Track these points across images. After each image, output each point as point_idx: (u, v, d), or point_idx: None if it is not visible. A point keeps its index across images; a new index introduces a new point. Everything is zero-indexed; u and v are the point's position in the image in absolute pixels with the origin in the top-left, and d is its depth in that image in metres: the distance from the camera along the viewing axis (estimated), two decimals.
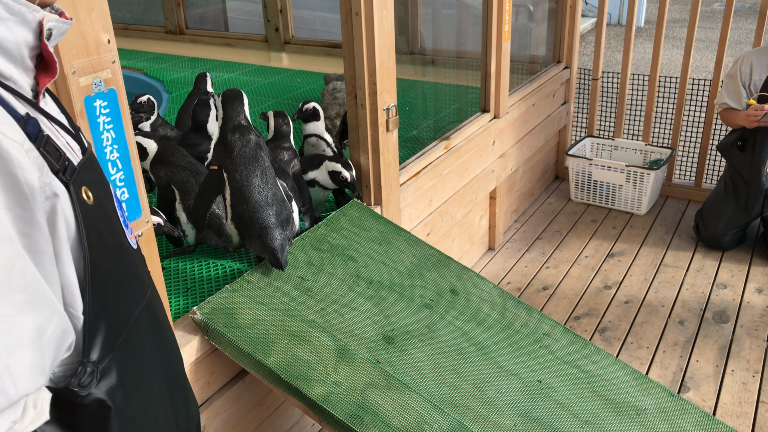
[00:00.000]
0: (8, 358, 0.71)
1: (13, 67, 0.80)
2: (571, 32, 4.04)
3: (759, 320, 2.87)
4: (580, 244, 3.55)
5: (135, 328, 0.93)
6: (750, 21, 9.02)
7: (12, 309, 0.71)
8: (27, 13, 0.79)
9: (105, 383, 0.85)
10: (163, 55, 4.95)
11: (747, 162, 3.25)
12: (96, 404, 0.84)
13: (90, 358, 0.83)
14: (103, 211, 0.89)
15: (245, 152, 1.92)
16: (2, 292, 0.70)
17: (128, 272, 0.94)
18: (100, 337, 0.85)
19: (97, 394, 0.84)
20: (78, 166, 0.85)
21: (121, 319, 0.90)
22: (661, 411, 1.88)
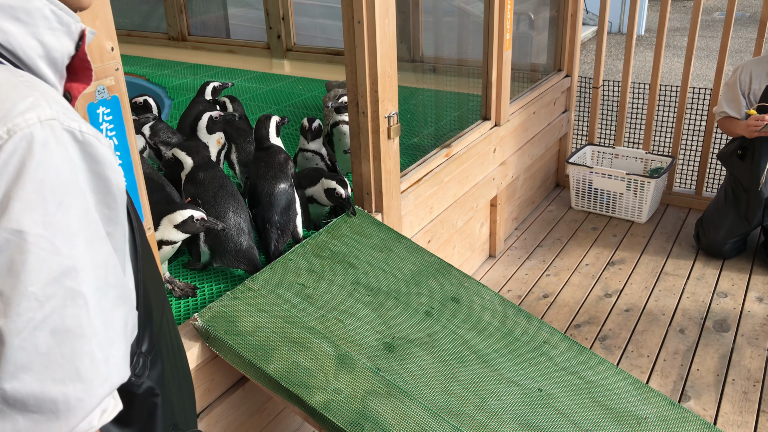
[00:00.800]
0: (109, 348, 0.76)
1: (54, 76, 0.83)
2: (572, 40, 4.05)
3: (760, 329, 2.87)
4: (580, 252, 3.55)
5: (165, 321, 1.01)
6: (750, 30, 9.05)
7: (110, 304, 0.76)
8: (72, 23, 0.81)
9: (154, 372, 0.92)
10: (166, 62, 4.97)
11: (747, 171, 3.25)
12: (148, 392, 0.91)
13: (142, 349, 0.89)
14: (135, 210, 0.95)
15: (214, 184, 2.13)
16: (102, 288, 0.75)
17: (155, 269, 1.01)
18: (148, 330, 0.91)
19: (149, 383, 0.90)
20: None
21: (159, 313, 0.97)
22: (661, 420, 1.88)
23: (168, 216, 1.85)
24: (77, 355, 0.72)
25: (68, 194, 0.71)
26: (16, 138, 0.68)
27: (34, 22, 0.77)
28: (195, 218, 1.87)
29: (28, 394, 0.69)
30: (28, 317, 0.68)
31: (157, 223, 1.83)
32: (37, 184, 0.68)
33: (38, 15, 0.77)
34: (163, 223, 1.85)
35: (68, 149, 0.72)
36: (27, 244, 0.68)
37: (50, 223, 0.69)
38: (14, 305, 0.68)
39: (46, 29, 0.78)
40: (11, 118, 0.68)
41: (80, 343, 0.72)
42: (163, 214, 1.86)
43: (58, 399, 0.71)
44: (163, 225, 1.85)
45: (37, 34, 0.78)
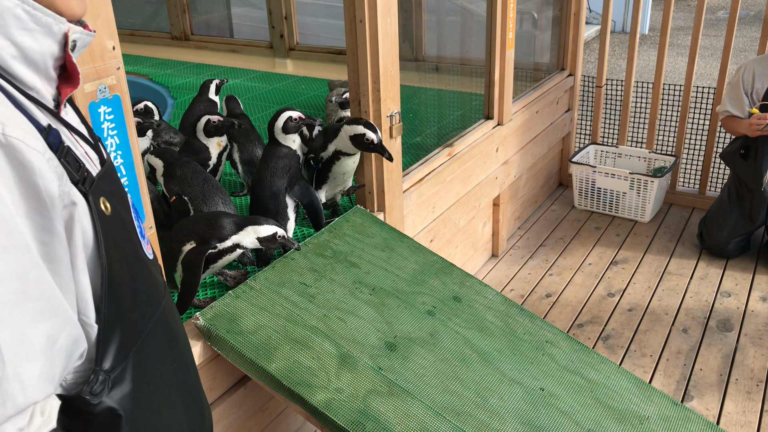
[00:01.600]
0: (19, 366, 0.72)
1: (37, 77, 0.82)
2: (575, 40, 4.04)
3: (763, 329, 2.86)
4: (583, 252, 3.54)
5: (149, 337, 0.94)
6: (754, 29, 9.02)
7: (25, 318, 0.72)
8: (53, 24, 0.80)
9: (117, 392, 0.86)
10: (169, 61, 4.97)
11: (750, 170, 3.24)
12: (107, 413, 0.85)
13: (102, 366, 0.84)
14: (121, 222, 0.91)
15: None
16: (16, 301, 0.71)
17: (144, 282, 0.95)
18: (113, 346, 0.85)
19: (109, 403, 0.85)
20: (96, 176, 0.86)
21: (136, 329, 0.91)
22: (664, 420, 1.88)
23: (255, 227, 1.86)
24: None
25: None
26: None
27: (3, 21, 0.76)
28: (278, 235, 1.88)
29: None
30: None
31: (239, 228, 1.84)
32: None
33: (8, 15, 0.76)
34: (247, 231, 1.85)
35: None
36: None
37: None
38: None
39: (19, 29, 0.77)
40: None
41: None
42: (249, 222, 1.86)
43: None
44: (247, 232, 1.85)
45: (8, 35, 0.77)
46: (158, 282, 1.02)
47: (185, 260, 1.84)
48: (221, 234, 1.84)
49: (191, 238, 1.85)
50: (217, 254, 1.86)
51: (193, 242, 1.84)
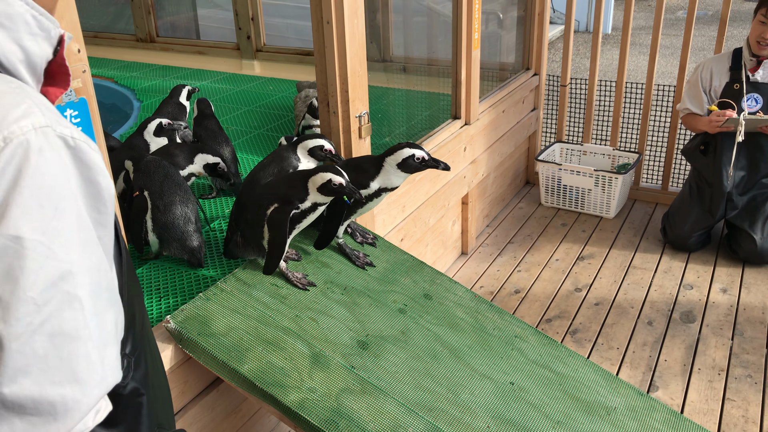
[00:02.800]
0: (104, 350, 0.78)
1: (32, 80, 0.84)
2: (540, 39, 4.11)
3: (724, 319, 2.95)
4: (550, 248, 3.60)
5: (146, 323, 1.02)
6: (713, 28, 9.25)
7: (103, 306, 0.78)
8: (52, 29, 0.82)
9: (138, 373, 0.92)
10: (134, 64, 4.92)
11: (710, 166, 3.34)
12: (133, 393, 0.91)
13: (125, 350, 0.89)
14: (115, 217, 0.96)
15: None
16: (96, 291, 0.77)
17: (134, 273, 1.02)
18: (132, 332, 0.91)
19: (133, 384, 0.91)
20: None
21: (140, 315, 0.98)
22: (630, 410, 1.93)
23: (312, 178, 1.89)
24: (74, 357, 0.74)
25: (63, 200, 0.72)
26: (12, 146, 0.69)
27: (15, 27, 0.78)
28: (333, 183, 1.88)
29: (26, 397, 0.70)
30: (27, 321, 0.70)
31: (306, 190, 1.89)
32: (34, 190, 0.70)
33: (20, 20, 0.78)
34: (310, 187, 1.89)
35: (61, 155, 0.73)
36: (25, 249, 0.69)
37: (47, 228, 0.71)
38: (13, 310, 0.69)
39: (27, 34, 0.79)
40: (6, 126, 0.70)
41: (77, 345, 0.74)
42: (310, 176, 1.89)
43: (56, 401, 0.72)
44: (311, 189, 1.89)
45: (18, 39, 0.78)
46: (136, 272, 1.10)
47: (270, 221, 1.90)
48: (301, 195, 1.89)
49: (274, 200, 1.91)
50: (300, 214, 1.91)
51: (276, 204, 1.90)
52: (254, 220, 1.95)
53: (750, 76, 3.15)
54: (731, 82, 3.20)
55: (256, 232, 1.96)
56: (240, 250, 2.06)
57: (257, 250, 2.00)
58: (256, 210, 1.95)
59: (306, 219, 1.95)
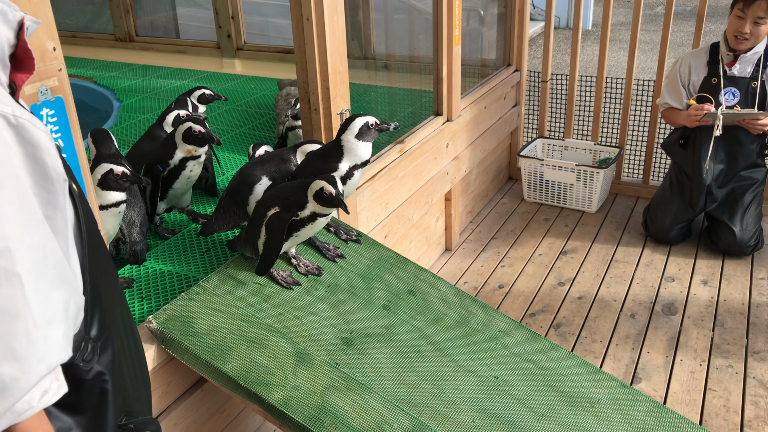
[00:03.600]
0: (48, 329, 0.77)
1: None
2: (521, 36, 4.13)
3: (705, 311, 2.98)
4: (533, 243, 3.62)
5: (118, 308, 1.01)
6: (691, 24, 9.34)
7: (48, 285, 0.77)
8: (9, 12, 0.82)
9: (104, 357, 0.92)
10: (113, 63, 4.87)
11: (689, 159, 3.37)
12: (97, 377, 0.90)
13: (90, 334, 0.89)
14: (84, 200, 0.95)
15: None
16: (40, 269, 0.76)
17: (106, 257, 1.01)
18: (98, 315, 0.91)
19: (98, 368, 0.90)
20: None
21: (110, 299, 0.97)
22: (614, 402, 1.94)
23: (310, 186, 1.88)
24: (12, 335, 0.73)
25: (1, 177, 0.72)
26: None
27: None
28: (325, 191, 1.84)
29: None
30: None
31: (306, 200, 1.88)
32: None
33: None
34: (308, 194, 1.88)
35: (2, 133, 0.73)
36: None
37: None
38: None
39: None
40: None
41: (15, 323, 0.73)
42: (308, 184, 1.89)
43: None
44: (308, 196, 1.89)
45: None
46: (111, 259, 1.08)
47: (268, 224, 1.89)
48: (301, 202, 1.87)
49: (276, 203, 1.90)
50: (299, 222, 1.89)
51: (277, 207, 1.89)
52: (254, 219, 1.95)
53: (727, 71, 3.19)
54: (709, 76, 3.24)
55: (255, 231, 1.96)
56: (240, 245, 2.06)
57: (253, 249, 2.00)
58: (258, 209, 1.95)
59: (305, 228, 1.92)
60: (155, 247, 2.26)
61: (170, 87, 4.22)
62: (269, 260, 1.93)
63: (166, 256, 2.20)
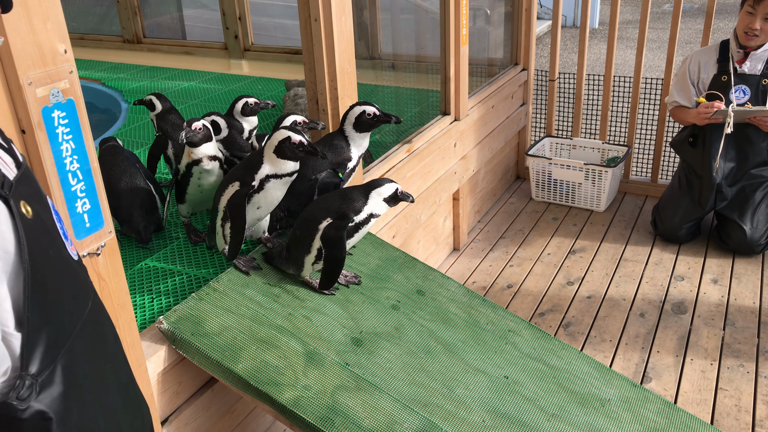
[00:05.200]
0: None
1: None
2: (528, 35, 4.12)
3: (715, 310, 2.97)
4: (542, 242, 3.61)
5: (78, 338, 0.94)
6: (699, 21, 9.29)
7: None
8: None
9: (46, 395, 0.85)
10: (121, 65, 4.89)
11: (699, 157, 3.35)
12: (36, 417, 0.84)
13: (29, 371, 0.83)
14: (42, 225, 0.89)
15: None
16: None
17: (70, 283, 0.94)
18: (40, 350, 0.85)
19: (37, 406, 0.84)
20: (14, 180, 0.85)
21: (63, 330, 0.90)
22: (624, 401, 1.94)
23: (377, 190, 1.92)
24: None
25: None
26: None
27: None
28: (399, 192, 1.94)
29: None
30: None
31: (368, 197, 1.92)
32: None
33: None
34: (373, 196, 1.92)
35: None
36: None
37: None
38: None
39: None
40: None
41: None
42: (372, 188, 1.93)
43: None
44: (373, 198, 1.92)
45: None
46: (85, 282, 1.02)
47: (325, 236, 1.88)
48: (356, 206, 1.89)
49: (327, 215, 1.90)
50: (354, 227, 1.90)
51: (329, 218, 1.89)
52: (302, 236, 1.93)
53: (737, 68, 3.17)
54: (719, 74, 3.22)
55: (303, 248, 1.95)
56: (280, 261, 2.03)
57: (297, 265, 1.99)
58: (307, 225, 1.93)
59: (359, 232, 1.94)
60: (164, 248, 2.27)
61: (178, 88, 4.24)
62: (336, 272, 1.92)
63: (175, 257, 2.21)
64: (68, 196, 1.39)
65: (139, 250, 2.27)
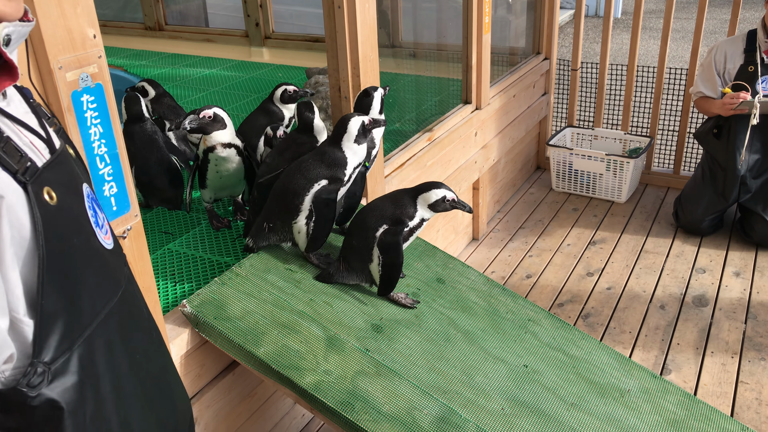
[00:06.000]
0: None
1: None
2: (550, 24, 4.08)
3: (737, 303, 2.94)
4: (562, 233, 3.60)
5: (101, 328, 0.92)
6: (725, 11, 9.15)
7: None
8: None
9: (58, 384, 0.84)
10: (143, 52, 4.92)
11: (723, 149, 3.31)
12: (46, 405, 0.83)
13: (41, 358, 0.82)
14: (68, 212, 0.89)
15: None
16: None
17: (96, 273, 0.93)
18: (55, 337, 0.84)
19: (48, 395, 0.83)
20: (42, 167, 0.85)
21: (83, 319, 0.89)
22: (644, 392, 1.93)
23: (423, 195, 1.95)
24: None
25: None
26: None
27: None
28: (447, 199, 1.95)
29: None
30: None
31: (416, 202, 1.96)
32: None
33: None
34: (420, 202, 1.96)
35: None
36: None
37: None
38: None
39: None
40: None
41: None
42: (420, 192, 1.96)
43: None
44: (421, 204, 1.96)
45: None
46: (116, 272, 1.00)
47: (382, 243, 1.92)
48: (410, 212, 1.94)
49: (382, 222, 1.93)
50: (408, 232, 1.94)
51: (385, 225, 1.93)
52: (361, 245, 1.95)
53: (765, 58, 3.12)
54: (745, 64, 3.17)
55: (363, 257, 1.96)
56: (341, 275, 2.01)
57: (363, 275, 2.00)
58: (364, 234, 1.95)
59: (413, 236, 1.97)
60: (187, 233, 2.29)
61: (199, 75, 4.26)
62: (395, 277, 1.95)
63: (198, 242, 2.23)
64: (96, 179, 1.41)
65: (161, 236, 2.30)
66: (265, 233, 2.03)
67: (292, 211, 1.97)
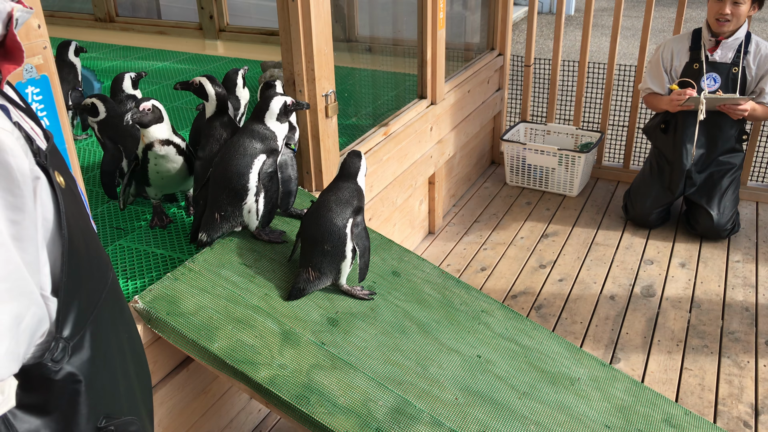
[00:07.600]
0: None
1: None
2: (504, 20, 4.13)
3: (682, 293, 3.04)
4: (515, 226, 3.66)
5: (103, 307, 0.98)
6: (672, 10, 9.40)
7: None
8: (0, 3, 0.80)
9: (77, 358, 0.89)
10: (93, 44, 4.80)
11: (670, 144, 3.42)
12: (68, 378, 0.88)
13: (62, 334, 0.86)
14: (73, 195, 0.93)
15: None
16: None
17: (95, 253, 0.98)
18: (72, 315, 0.88)
19: (69, 368, 0.88)
20: (47, 151, 0.87)
21: (92, 298, 0.94)
22: (593, 380, 1.99)
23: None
24: None
25: None
26: None
27: None
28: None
29: None
30: None
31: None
32: None
33: None
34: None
35: None
36: None
37: None
38: None
39: None
40: None
41: None
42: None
43: None
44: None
45: None
46: (105, 253, 1.05)
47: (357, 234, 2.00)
48: (362, 198, 2.05)
49: (347, 215, 1.98)
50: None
51: (350, 218, 1.98)
52: (335, 246, 1.95)
53: (709, 56, 3.23)
54: (691, 61, 3.28)
55: (337, 257, 1.96)
56: (312, 285, 1.97)
57: (332, 275, 2.00)
58: (333, 237, 1.94)
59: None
60: (139, 229, 2.26)
61: (152, 68, 4.18)
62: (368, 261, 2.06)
63: (150, 237, 2.20)
64: None
65: (113, 231, 2.26)
66: (218, 223, 2.01)
67: (241, 193, 1.98)
